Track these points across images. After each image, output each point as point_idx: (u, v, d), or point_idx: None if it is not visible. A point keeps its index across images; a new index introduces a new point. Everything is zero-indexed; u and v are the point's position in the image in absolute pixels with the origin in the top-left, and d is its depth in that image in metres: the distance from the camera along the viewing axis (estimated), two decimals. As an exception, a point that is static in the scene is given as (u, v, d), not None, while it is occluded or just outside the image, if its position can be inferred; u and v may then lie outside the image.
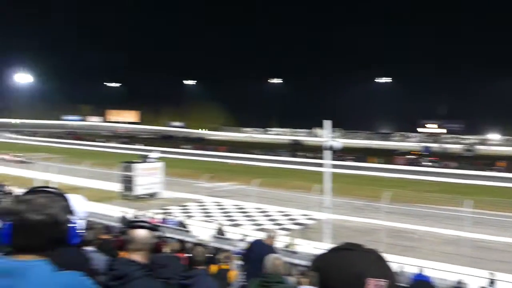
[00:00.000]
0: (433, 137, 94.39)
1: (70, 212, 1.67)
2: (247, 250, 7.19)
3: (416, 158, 56.48)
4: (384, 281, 0.99)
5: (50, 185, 1.87)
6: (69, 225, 1.64)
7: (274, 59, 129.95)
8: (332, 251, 1.09)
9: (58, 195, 1.68)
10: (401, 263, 13.95)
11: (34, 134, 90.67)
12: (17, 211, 1.56)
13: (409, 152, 64.47)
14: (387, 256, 1.08)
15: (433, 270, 14.15)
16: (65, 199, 1.68)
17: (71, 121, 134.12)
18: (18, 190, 24.14)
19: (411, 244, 19.74)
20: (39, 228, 1.57)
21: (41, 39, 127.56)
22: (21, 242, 1.55)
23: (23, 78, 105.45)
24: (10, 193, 22.56)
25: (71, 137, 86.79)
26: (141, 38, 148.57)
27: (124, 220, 18.98)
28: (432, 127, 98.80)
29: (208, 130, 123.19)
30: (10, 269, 1.48)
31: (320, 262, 1.09)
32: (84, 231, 1.76)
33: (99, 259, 4.63)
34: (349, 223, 23.65)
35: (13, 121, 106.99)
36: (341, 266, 1.03)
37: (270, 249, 6.40)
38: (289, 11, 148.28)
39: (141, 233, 2.52)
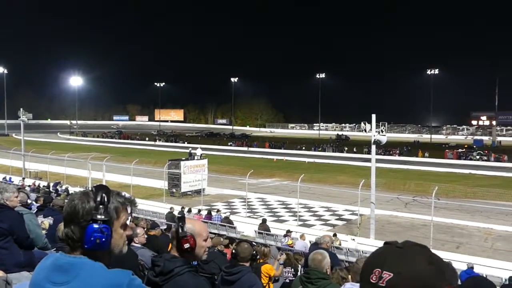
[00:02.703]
0: (485, 129, 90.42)
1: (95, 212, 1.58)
2: (307, 253, 7.22)
3: (466, 151, 54.41)
4: (388, 274, 1.00)
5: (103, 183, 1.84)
6: (87, 225, 1.56)
7: (319, 53, 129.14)
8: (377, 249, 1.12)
9: (93, 193, 1.60)
10: (450, 260, 13.58)
11: (85, 134, 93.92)
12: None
13: (460, 146, 62.22)
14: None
15: (484, 266, 13.72)
16: (96, 200, 1.59)
17: (120, 121, 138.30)
18: (73, 189, 25.18)
19: (460, 240, 19.15)
20: (66, 223, 1.60)
21: (91, 44, 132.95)
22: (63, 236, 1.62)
23: (76, 81, 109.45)
24: (66, 191, 23.59)
25: (120, 136, 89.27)
26: (188, 38, 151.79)
27: (169, 216, 19.47)
28: (484, 119, 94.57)
29: (254, 126, 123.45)
30: (65, 265, 1.54)
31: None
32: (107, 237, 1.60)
33: (145, 255, 4.83)
34: (395, 218, 23.20)
35: (67, 122, 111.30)
36: (368, 261, 1.08)
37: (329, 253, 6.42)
38: (328, 6, 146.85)
39: (173, 229, 2.55)
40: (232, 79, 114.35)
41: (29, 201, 8.20)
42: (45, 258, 1.64)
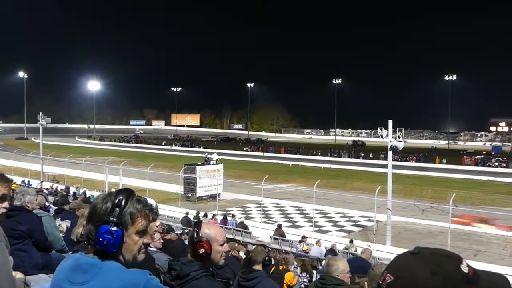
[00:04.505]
0: (504, 136, 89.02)
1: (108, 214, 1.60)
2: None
3: (484, 158, 53.62)
4: (390, 277, 1.04)
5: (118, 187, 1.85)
6: (100, 225, 1.58)
7: (335, 59, 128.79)
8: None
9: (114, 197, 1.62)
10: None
11: (103, 138, 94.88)
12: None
13: (478, 152, 61.37)
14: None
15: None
16: (114, 202, 1.61)
17: (137, 125, 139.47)
18: (90, 192, 25.45)
19: (478, 248, 18.84)
20: (87, 222, 1.64)
21: (109, 49, 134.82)
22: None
23: (94, 85, 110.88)
24: (84, 194, 23.84)
25: (137, 140, 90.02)
26: (204, 42, 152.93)
27: (184, 220, 19.52)
28: (502, 126, 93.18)
29: (269, 132, 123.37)
30: (84, 265, 1.57)
31: None
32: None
33: (161, 259, 4.84)
34: (412, 225, 22.93)
35: (85, 126, 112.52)
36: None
37: (366, 263, 6.53)
38: (351, 12, 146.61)
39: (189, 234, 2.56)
40: (248, 84, 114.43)
41: (46, 204, 8.30)
42: (66, 258, 1.68)
